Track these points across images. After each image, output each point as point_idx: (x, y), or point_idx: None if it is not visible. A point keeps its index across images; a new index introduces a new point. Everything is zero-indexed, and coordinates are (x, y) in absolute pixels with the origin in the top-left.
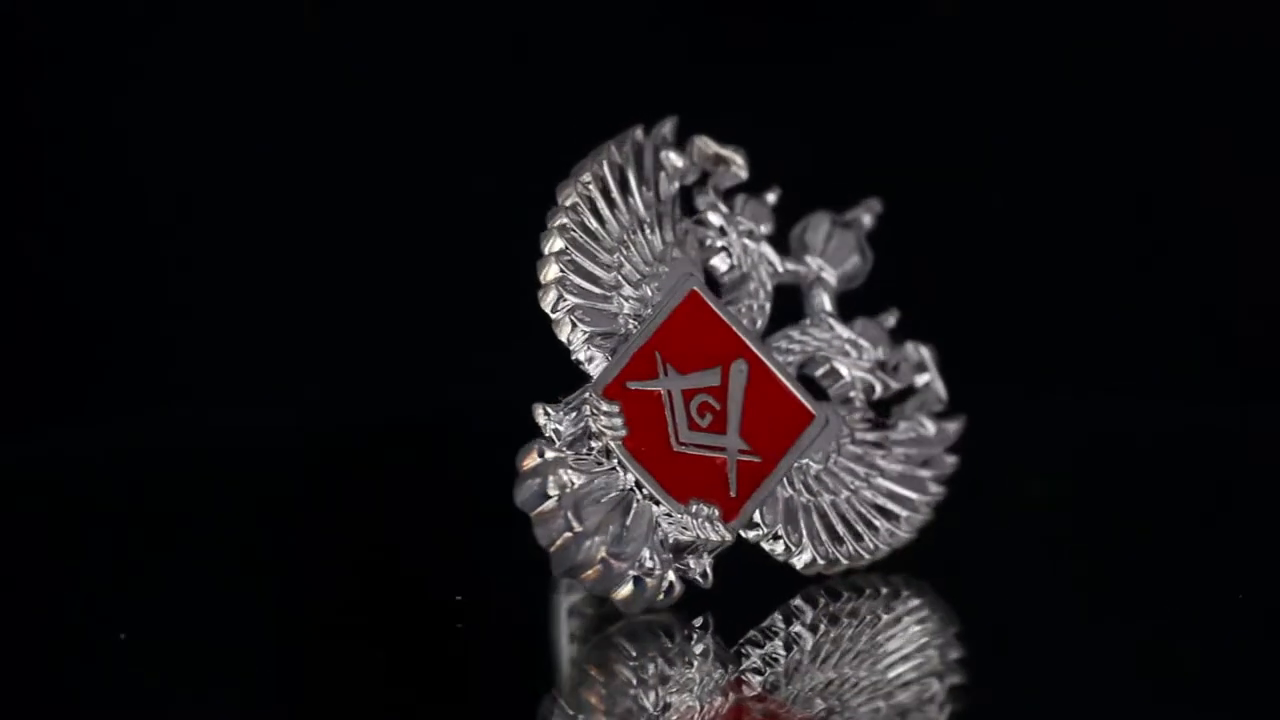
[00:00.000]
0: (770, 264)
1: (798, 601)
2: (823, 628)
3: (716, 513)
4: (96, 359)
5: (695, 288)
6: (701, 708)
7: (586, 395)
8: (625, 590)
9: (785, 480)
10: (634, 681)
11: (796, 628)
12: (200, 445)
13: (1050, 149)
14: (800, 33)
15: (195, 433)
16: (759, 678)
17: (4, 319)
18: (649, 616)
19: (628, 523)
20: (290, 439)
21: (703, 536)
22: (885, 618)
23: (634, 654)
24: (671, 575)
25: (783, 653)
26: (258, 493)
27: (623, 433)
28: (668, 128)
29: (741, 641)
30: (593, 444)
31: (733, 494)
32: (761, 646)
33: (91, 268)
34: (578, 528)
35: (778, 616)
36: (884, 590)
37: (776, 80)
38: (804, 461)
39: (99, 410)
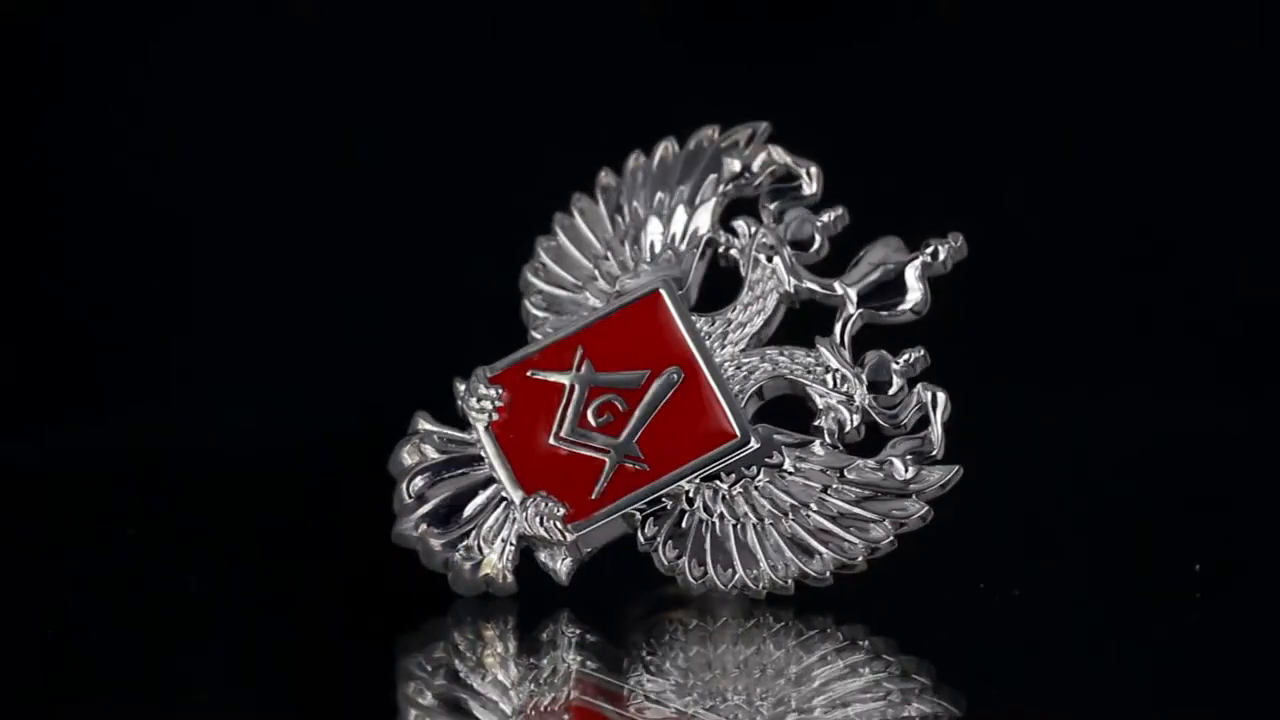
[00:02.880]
0: (781, 281)
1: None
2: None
3: (558, 510)
4: (96, 359)
5: (661, 291)
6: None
7: (472, 376)
8: (451, 571)
9: (687, 495)
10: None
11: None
12: (200, 445)
13: (1048, 150)
14: (802, 33)
15: (194, 433)
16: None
17: (4, 319)
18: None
19: (458, 505)
20: (289, 439)
21: (537, 532)
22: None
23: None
24: (502, 564)
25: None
26: (257, 492)
27: (488, 416)
28: (757, 131)
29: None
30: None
31: (593, 497)
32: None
33: (92, 268)
34: (408, 500)
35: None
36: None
37: (776, 81)
38: (715, 480)
39: (99, 410)
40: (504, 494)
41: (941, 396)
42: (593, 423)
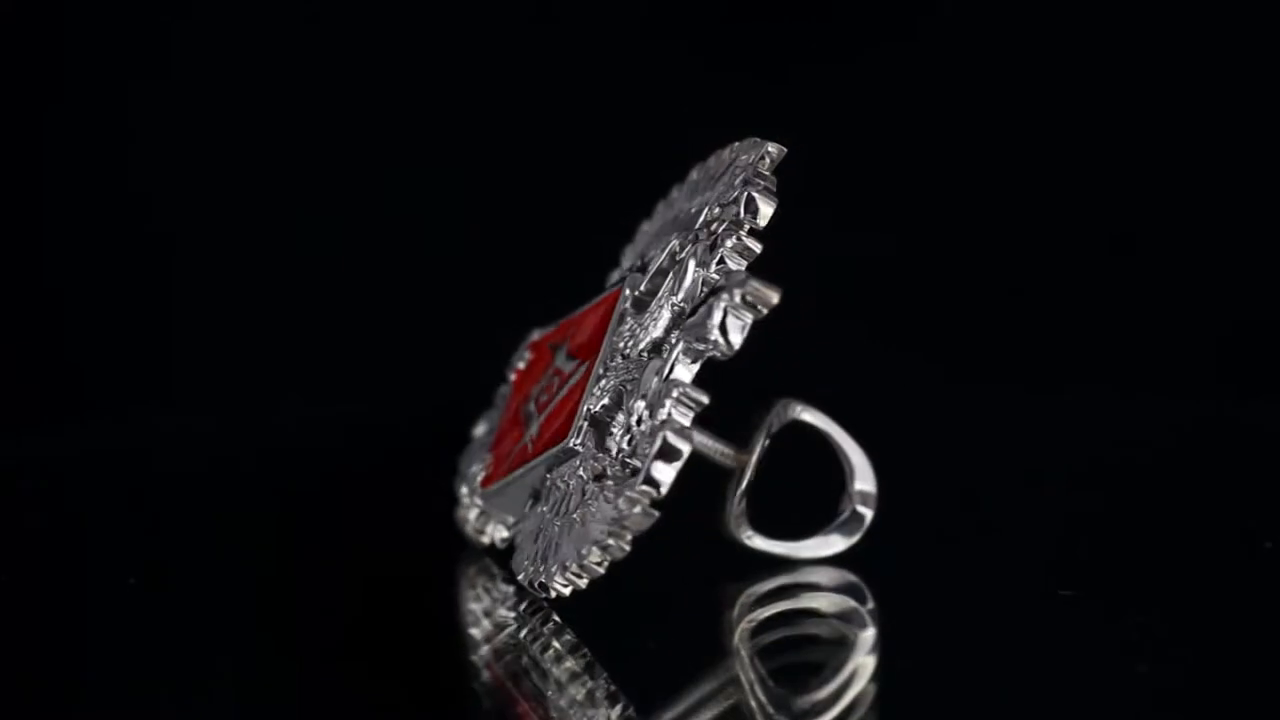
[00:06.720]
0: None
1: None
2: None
3: (480, 475)
4: (96, 359)
5: (621, 288)
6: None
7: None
8: (460, 514)
9: (544, 485)
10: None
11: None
12: (199, 445)
13: (1047, 151)
14: (803, 33)
15: (194, 433)
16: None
17: (4, 319)
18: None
19: (474, 457)
20: (290, 439)
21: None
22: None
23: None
24: (473, 519)
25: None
26: (257, 492)
27: (510, 378)
28: (769, 151)
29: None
30: None
31: (504, 468)
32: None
33: (92, 269)
34: (470, 441)
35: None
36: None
37: (776, 83)
38: (553, 476)
39: (99, 410)
40: None
41: (662, 437)
42: (540, 399)
